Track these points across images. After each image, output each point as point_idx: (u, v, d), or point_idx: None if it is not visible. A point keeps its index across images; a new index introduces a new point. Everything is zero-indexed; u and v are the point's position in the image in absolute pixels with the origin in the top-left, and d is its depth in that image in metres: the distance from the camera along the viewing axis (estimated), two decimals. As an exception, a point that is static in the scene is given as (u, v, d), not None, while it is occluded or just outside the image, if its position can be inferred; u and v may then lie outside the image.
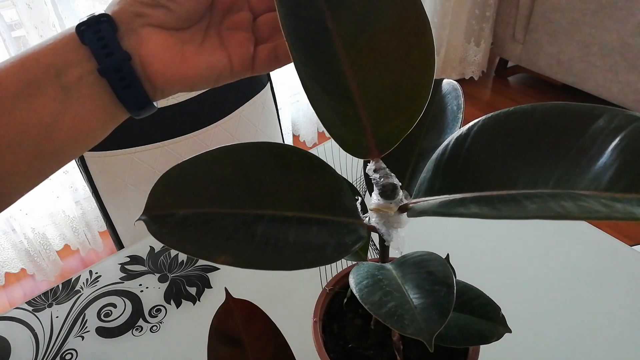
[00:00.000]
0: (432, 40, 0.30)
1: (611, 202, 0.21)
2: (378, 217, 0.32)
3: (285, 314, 0.46)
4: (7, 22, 1.32)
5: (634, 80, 1.88)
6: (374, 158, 0.31)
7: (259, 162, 0.30)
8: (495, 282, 0.59)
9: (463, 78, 2.45)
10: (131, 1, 0.31)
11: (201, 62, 0.34)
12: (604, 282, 0.58)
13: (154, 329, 0.56)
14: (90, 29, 0.30)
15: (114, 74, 0.31)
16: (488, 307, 0.36)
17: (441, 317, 0.25)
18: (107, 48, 0.30)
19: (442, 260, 0.30)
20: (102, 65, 0.31)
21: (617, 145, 0.22)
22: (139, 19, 0.31)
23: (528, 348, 0.51)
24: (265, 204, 0.29)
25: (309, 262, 0.27)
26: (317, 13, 0.31)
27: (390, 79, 0.31)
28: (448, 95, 0.37)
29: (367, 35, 0.31)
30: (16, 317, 0.58)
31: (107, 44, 0.30)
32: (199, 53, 0.34)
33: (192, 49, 0.34)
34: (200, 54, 0.34)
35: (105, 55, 0.30)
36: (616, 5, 1.82)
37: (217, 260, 0.26)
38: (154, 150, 0.86)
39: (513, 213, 0.23)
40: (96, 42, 0.30)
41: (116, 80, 0.31)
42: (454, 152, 0.29)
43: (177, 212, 0.27)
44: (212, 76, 0.34)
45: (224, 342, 0.37)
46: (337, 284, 0.44)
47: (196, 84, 0.34)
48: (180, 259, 0.64)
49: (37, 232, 1.53)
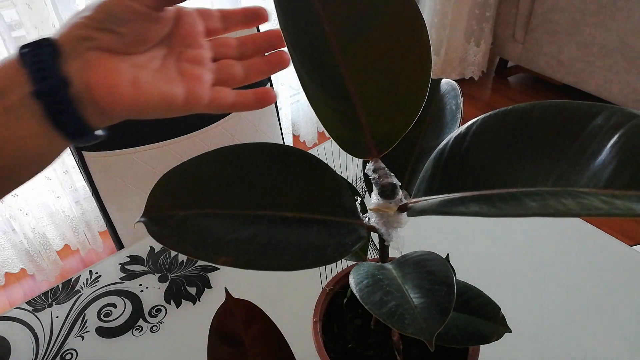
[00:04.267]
0: (428, 41, 0.30)
1: (611, 199, 0.21)
2: (378, 217, 0.32)
3: (285, 314, 0.46)
4: (7, 22, 1.32)
5: (634, 80, 1.88)
6: (373, 158, 0.31)
7: (259, 163, 0.30)
8: (495, 282, 0.58)
9: (463, 78, 2.45)
10: (79, 25, 0.31)
11: (153, 90, 0.33)
12: (604, 282, 0.58)
13: (154, 329, 0.56)
14: (30, 52, 0.30)
15: (48, 98, 0.31)
16: (488, 307, 0.36)
17: (442, 316, 0.25)
18: (43, 72, 0.30)
19: (442, 260, 0.30)
20: (36, 89, 0.30)
21: (616, 142, 0.22)
22: (86, 42, 0.31)
23: (528, 348, 0.51)
24: (265, 204, 0.29)
25: (309, 263, 0.27)
26: (313, 14, 0.31)
27: (386, 80, 0.31)
28: (447, 95, 0.37)
29: (363, 37, 0.31)
30: (16, 317, 0.58)
31: (44, 68, 0.30)
32: (153, 81, 0.33)
33: (145, 76, 0.33)
34: (154, 82, 0.33)
35: (41, 78, 0.30)
36: (616, 5, 1.82)
37: (218, 261, 0.26)
38: (154, 150, 0.86)
39: (513, 211, 0.23)
40: (33, 64, 0.30)
41: (50, 105, 0.31)
42: (453, 152, 0.29)
43: (177, 213, 0.27)
44: (163, 106, 0.34)
45: (224, 342, 0.37)
46: (337, 284, 0.44)
47: (145, 111, 0.33)
48: (180, 259, 0.64)
49: (37, 232, 1.53)
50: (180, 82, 0.35)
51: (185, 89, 0.34)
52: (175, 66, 0.35)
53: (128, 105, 0.33)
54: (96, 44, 0.31)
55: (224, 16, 0.37)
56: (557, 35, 2.04)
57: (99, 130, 0.34)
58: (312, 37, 0.31)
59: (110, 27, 0.31)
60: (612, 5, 1.83)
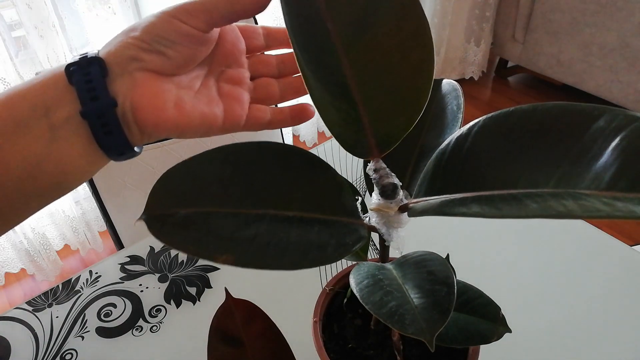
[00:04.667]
0: (431, 41, 0.30)
1: (612, 201, 0.21)
2: (378, 217, 0.32)
3: (285, 314, 0.46)
4: (7, 22, 1.32)
5: (634, 80, 1.88)
6: (374, 158, 0.31)
7: (260, 162, 0.30)
8: (495, 282, 0.59)
9: (463, 78, 2.45)
10: (127, 45, 0.31)
11: (195, 111, 0.33)
12: (604, 282, 0.58)
13: (154, 329, 0.56)
14: (79, 71, 0.30)
15: (97, 119, 0.30)
16: (488, 307, 0.36)
17: (442, 316, 0.26)
18: (93, 92, 0.30)
19: (443, 260, 0.30)
20: (85, 109, 0.30)
21: (618, 145, 0.22)
22: (134, 62, 0.31)
23: (528, 348, 0.51)
24: (266, 203, 0.29)
25: (309, 262, 0.27)
26: (317, 14, 0.31)
27: (389, 80, 0.31)
28: (448, 95, 0.37)
29: (367, 37, 0.31)
30: (16, 317, 0.58)
31: (94, 87, 0.30)
32: (195, 102, 0.33)
33: (187, 97, 0.33)
34: (196, 103, 0.33)
35: (90, 98, 0.30)
36: (616, 5, 1.82)
37: (218, 260, 0.26)
38: (154, 150, 0.86)
39: (514, 212, 0.23)
40: (83, 84, 0.30)
41: (98, 126, 0.30)
42: (454, 152, 0.29)
43: (178, 212, 0.27)
44: (203, 127, 0.34)
45: (224, 342, 0.37)
46: (337, 284, 0.44)
47: (186, 132, 0.33)
48: (180, 259, 0.64)
49: (37, 232, 1.53)
50: (220, 103, 0.34)
51: (225, 110, 0.34)
52: (215, 86, 0.35)
53: (170, 127, 0.32)
54: (144, 65, 0.31)
55: (267, 34, 0.37)
56: (557, 35, 2.04)
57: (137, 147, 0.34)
58: (316, 36, 0.31)
59: (158, 49, 0.31)
60: (612, 5, 1.83)
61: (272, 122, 0.37)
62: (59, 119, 0.30)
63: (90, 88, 0.30)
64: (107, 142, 0.31)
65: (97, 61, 0.30)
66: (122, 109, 0.31)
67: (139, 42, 0.31)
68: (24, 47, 1.38)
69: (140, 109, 0.31)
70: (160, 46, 0.31)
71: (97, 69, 0.30)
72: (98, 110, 0.30)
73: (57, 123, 0.30)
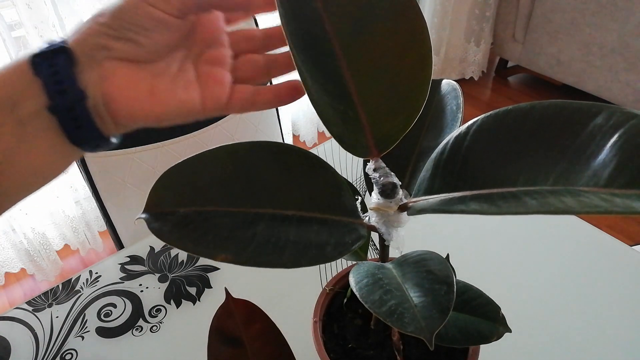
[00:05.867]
0: (429, 41, 0.30)
1: (611, 197, 0.21)
2: (378, 217, 0.32)
3: (285, 314, 0.46)
4: (7, 22, 1.32)
5: (634, 80, 1.88)
6: (373, 157, 0.31)
7: (260, 161, 0.30)
8: (495, 282, 0.59)
9: (463, 78, 2.45)
10: (95, 31, 0.28)
11: (171, 98, 0.31)
12: (604, 282, 0.58)
13: (154, 329, 0.56)
14: (45, 62, 0.28)
15: (66, 113, 0.28)
16: (488, 307, 0.36)
17: (441, 315, 0.26)
18: (60, 84, 0.28)
19: (442, 259, 0.30)
20: (53, 103, 0.28)
21: (616, 142, 0.23)
22: (103, 51, 0.29)
23: (528, 348, 0.51)
24: (265, 202, 0.29)
25: (309, 261, 0.27)
26: (314, 14, 0.31)
27: (387, 80, 0.31)
28: (447, 95, 0.37)
29: (364, 37, 0.31)
30: (16, 317, 0.58)
31: (62, 80, 0.28)
32: (171, 89, 0.31)
33: (163, 84, 0.31)
34: (172, 89, 0.31)
35: (57, 92, 0.28)
36: (616, 5, 1.82)
37: (218, 258, 0.26)
38: (154, 150, 0.86)
39: (513, 209, 0.23)
40: (49, 76, 0.28)
41: (68, 120, 0.29)
42: (453, 151, 0.29)
43: (178, 210, 0.27)
44: (181, 113, 0.32)
45: (224, 342, 0.37)
46: (337, 284, 0.44)
47: (163, 120, 0.31)
48: (180, 259, 0.64)
49: (37, 232, 1.53)
50: (199, 86, 0.32)
51: (204, 93, 0.32)
52: (193, 69, 0.33)
53: (146, 116, 0.31)
54: (114, 53, 0.29)
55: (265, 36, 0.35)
56: (557, 35, 2.05)
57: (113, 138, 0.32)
58: (314, 37, 0.31)
59: (128, 36, 0.29)
60: (612, 5, 1.83)
61: (256, 103, 0.34)
62: (27, 114, 0.28)
63: (57, 80, 0.28)
64: (79, 137, 0.29)
65: (64, 51, 0.28)
66: (93, 101, 0.29)
67: (107, 29, 0.29)
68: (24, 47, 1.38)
69: (112, 100, 0.29)
70: (130, 33, 0.29)
71: (64, 60, 0.28)
72: (67, 105, 0.28)
73: (24, 118, 0.28)
